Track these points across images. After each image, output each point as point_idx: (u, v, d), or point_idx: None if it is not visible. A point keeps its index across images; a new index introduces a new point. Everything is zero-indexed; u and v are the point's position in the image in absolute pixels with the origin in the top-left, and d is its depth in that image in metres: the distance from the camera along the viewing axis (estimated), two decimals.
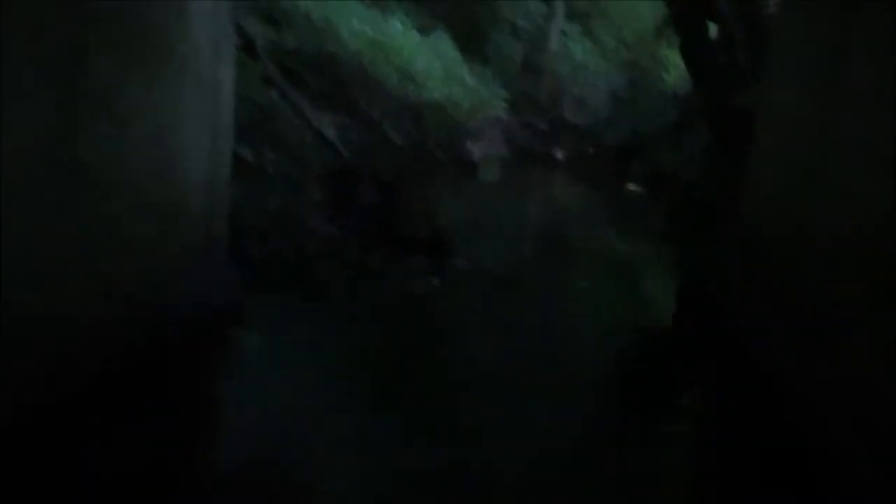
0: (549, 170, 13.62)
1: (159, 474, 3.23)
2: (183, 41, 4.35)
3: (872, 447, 3.31)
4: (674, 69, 13.88)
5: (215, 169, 4.93)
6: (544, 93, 17.59)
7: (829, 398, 3.80)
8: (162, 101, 4.21)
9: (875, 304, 3.47)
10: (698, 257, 6.85)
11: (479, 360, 4.69)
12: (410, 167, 10.21)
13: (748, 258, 5.49)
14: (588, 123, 15.02)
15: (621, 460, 3.72)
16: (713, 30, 8.93)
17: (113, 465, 3.20)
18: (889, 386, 3.24)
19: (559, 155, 14.49)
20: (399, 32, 12.92)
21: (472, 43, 17.84)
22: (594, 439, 3.92)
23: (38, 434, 3.14)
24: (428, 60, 12.39)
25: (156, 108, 4.15)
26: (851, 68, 4.02)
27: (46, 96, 3.22)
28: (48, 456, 3.10)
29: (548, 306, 6.13)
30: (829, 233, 4.14)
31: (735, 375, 4.65)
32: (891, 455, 3.14)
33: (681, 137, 10.91)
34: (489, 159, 13.20)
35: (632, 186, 11.84)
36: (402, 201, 8.45)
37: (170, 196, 4.41)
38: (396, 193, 8.61)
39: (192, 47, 4.45)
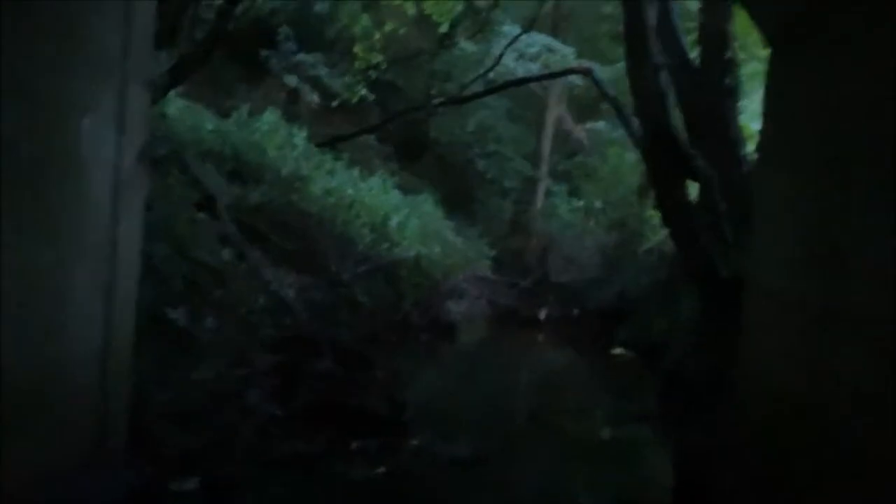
0: (533, 332, 12.89)
1: None
2: (67, 189, 3.77)
3: None
4: (661, 230, 13.51)
5: (110, 340, 4.19)
6: (531, 251, 17.27)
7: None
8: (31, 258, 3.56)
9: None
10: (693, 444, 6.00)
11: None
12: (380, 331, 9.51)
13: (749, 451, 4.66)
14: (574, 284, 14.48)
15: None
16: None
17: None
18: None
19: (544, 316, 13.83)
20: (377, 191, 12.65)
21: (459, 203, 17.76)
22: None
23: None
24: (405, 218, 12.00)
25: (23, 268, 3.50)
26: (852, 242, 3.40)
27: None
28: None
29: (514, 497, 5.22)
30: (843, 434, 3.37)
31: None
32: None
33: (669, 301, 10.28)
34: (469, 321, 12.54)
35: (618, 352, 11.08)
36: (364, 371, 7.65)
37: (37, 375, 3.65)
38: (358, 362, 7.83)
39: (81, 197, 3.86)
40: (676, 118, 8.30)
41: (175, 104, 10.81)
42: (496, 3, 16.54)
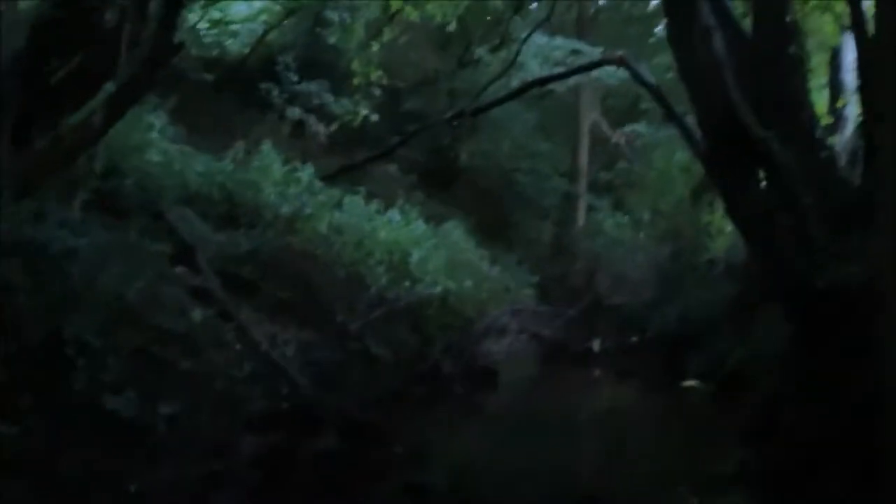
0: (587, 368, 11.24)
1: None
2: None
3: None
4: (721, 236, 11.79)
5: None
6: (577, 275, 15.65)
7: None
8: None
9: None
10: None
11: None
12: (403, 389, 8.01)
13: None
14: (629, 307, 12.79)
15: None
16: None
17: None
18: None
19: (598, 348, 12.17)
20: (397, 225, 11.19)
21: (495, 229, 16.24)
22: None
23: None
24: (429, 251, 10.50)
25: None
26: None
27: None
28: None
29: None
30: None
31: None
32: None
33: (746, 322, 8.60)
34: (512, 362, 10.95)
35: (690, 384, 9.38)
36: (379, 448, 6.17)
37: None
38: (371, 435, 6.34)
39: None
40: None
41: (162, 148, 9.64)
42: (516, 11, 15.22)
